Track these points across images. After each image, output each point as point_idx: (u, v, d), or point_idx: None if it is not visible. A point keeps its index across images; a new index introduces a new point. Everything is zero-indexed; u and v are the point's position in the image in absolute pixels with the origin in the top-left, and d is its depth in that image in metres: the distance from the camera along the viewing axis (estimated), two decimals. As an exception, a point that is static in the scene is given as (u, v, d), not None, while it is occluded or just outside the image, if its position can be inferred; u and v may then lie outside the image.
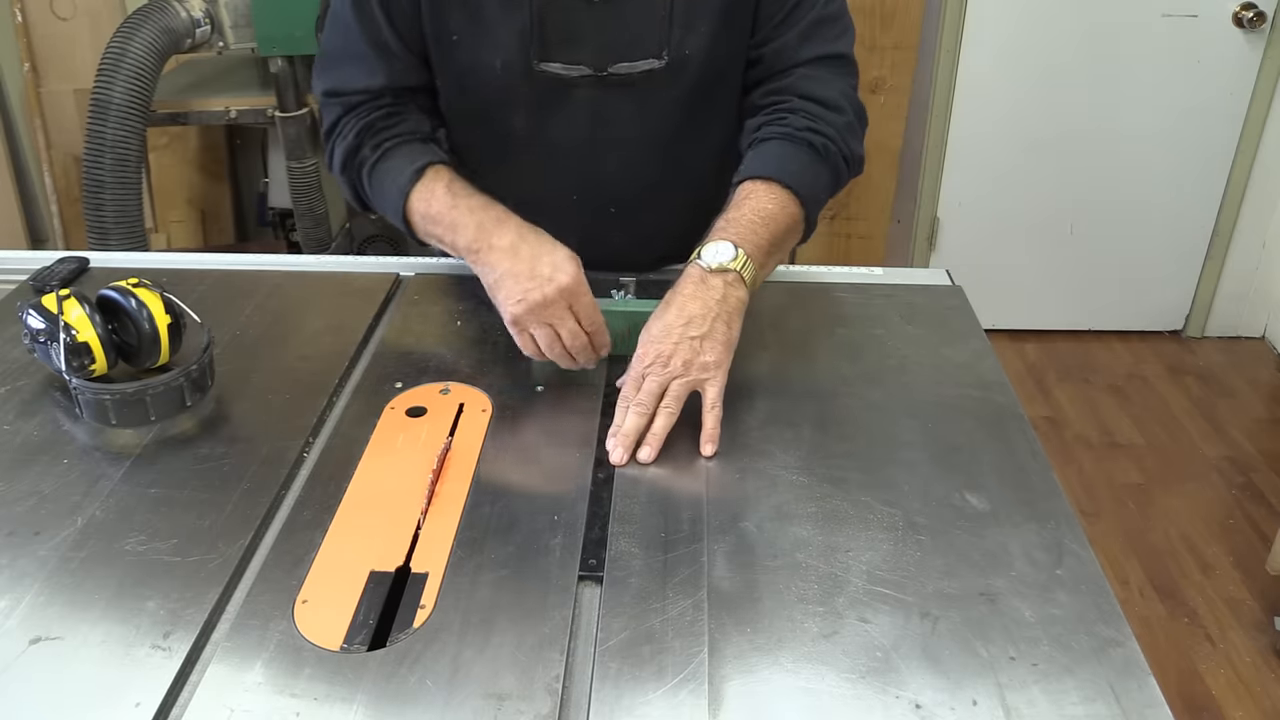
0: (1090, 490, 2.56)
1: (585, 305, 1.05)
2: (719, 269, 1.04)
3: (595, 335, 1.07)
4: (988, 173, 3.07)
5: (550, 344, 1.06)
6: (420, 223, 1.15)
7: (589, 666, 0.75)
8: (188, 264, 1.37)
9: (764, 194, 1.11)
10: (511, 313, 1.05)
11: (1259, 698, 1.97)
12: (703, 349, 1.01)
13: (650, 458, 0.98)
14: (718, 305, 1.02)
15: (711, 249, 1.06)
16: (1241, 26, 2.82)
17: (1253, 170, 3.01)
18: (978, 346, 1.16)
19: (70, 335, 1.01)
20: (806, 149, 1.15)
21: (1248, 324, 3.24)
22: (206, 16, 2.48)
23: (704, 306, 1.02)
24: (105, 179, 2.37)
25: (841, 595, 0.81)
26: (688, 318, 1.02)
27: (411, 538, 0.87)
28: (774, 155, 1.15)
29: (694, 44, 1.16)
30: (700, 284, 1.04)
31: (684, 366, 1.00)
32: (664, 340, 1.01)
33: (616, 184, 1.26)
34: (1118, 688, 0.73)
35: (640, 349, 1.02)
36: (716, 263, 1.04)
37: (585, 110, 1.19)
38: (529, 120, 1.21)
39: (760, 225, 1.09)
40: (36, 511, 0.90)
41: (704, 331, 1.01)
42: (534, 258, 1.05)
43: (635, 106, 1.19)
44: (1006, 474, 0.95)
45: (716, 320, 1.02)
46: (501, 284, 1.06)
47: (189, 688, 0.74)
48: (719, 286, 1.03)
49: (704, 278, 1.04)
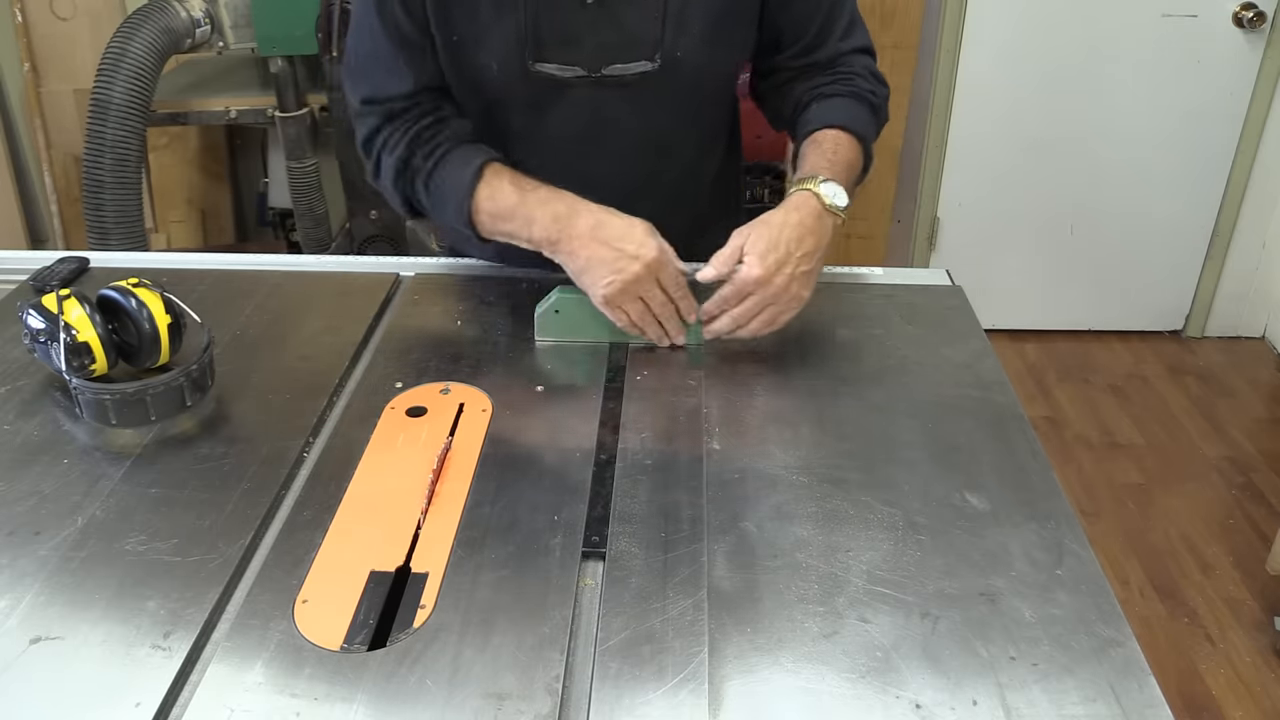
0: (1090, 490, 2.56)
1: (671, 275, 1.09)
2: (834, 210, 1.11)
3: (681, 302, 1.11)
4: (988, 173, 3.07)
5: (642, 317, 1.10)
6: (488, 222, 1.16)
7: (589, 666, 0.75)
8: (188, 264, 1.37)
9: (851, 145, 1.18)
10: (603, 295, 1.09)
11: (1259, 698, 1.97)
12: (807, 284, 1.09)
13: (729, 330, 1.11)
14: (828, 246, 1.10)
15: (831, 188, 1.12)
16: (1241, 26, 2.82)
17: (1253, 170, 3.01)
18: (978, 346, 1.16)
19: (70, 335, 1.01)
20: (870, 111, 1.23)
21: (1248, 324, 3.24)
22: (206, 16, 2.48)
23: (818, 242, 1.09)
24: (105, 179, 2.37)
25: (842, 595, 0.81)
26: (805, 250, 1.08)
27: (411, 538, 0.87)
28: (854, 111, 1.21)
29: (686, 46, 1.16)
30: (818, 218, 1.10)
31: (790, 300, 1.08)
32: (782, 269, 1.07)
33: (612, 182, 1.25)
34: (1118, 688, 0.73)
35: (752, 256, 1.07)
36: (833, 203, 1.11)
37: (581, 110, 1.20)
38: (526, 119, 1.22)
39: (845, 172, 1.16)
40: (37, 511, 0.90)
41: (811, 267, 1.09)
42: (616, 239, 1.08)
43: (630, 107, 1.20)
44: (1006, 474, 0.95)
45: (821, 259, 1.10)
46: (589, 269, 1.09)
47: (189, 688, 0.74)
48: (830, 227, 1.11)
49: (822, 214, 1.10)
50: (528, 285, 1.28)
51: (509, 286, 1.30)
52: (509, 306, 1.24)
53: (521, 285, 1.29)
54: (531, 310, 1.17)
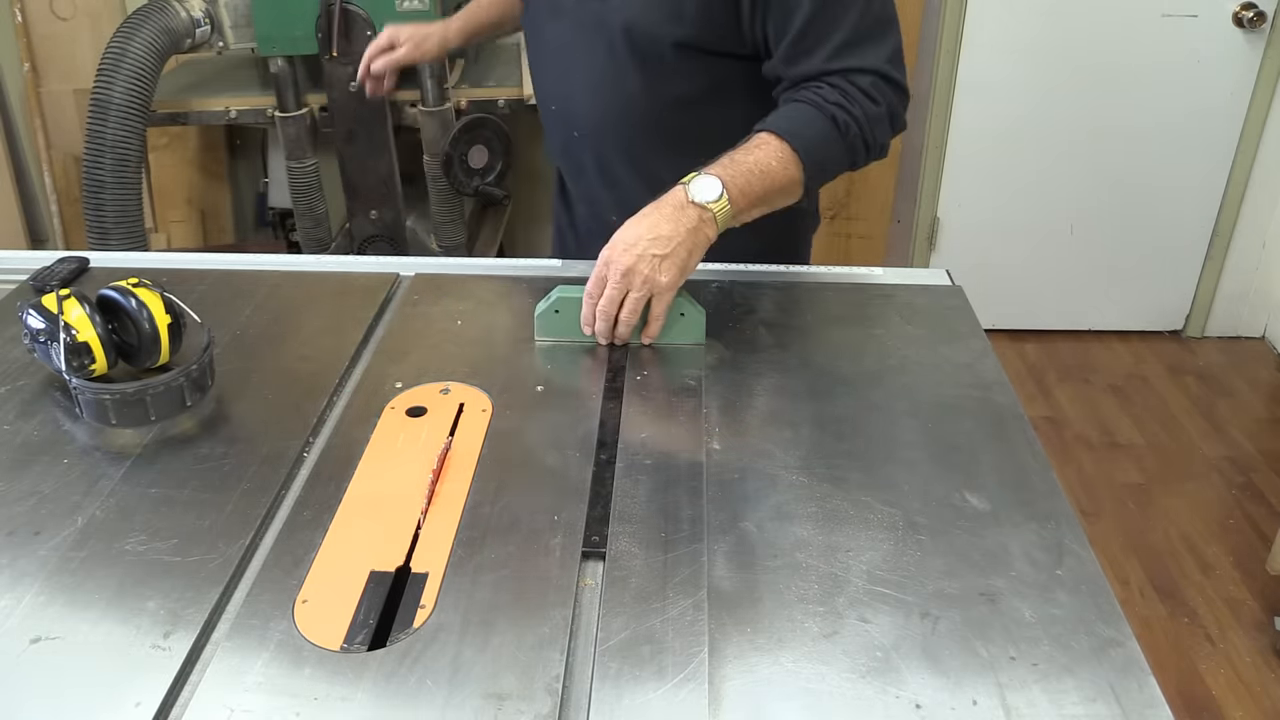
0: (1090, 490, 2.56)
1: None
2: (700, 204, 1.11)
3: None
4: (988, 173, 3.07)
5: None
6: None
7: (589, 666, 0.75)
8: (188, 264, 1.37)
9: (773, 149, 1.16)
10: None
11: (1259, 698, 1.97)
12: (661, 269, 1.10)
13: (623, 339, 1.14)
14: (688, 234, 1.11)
15: (701, 183, 1.12)
16: (1241, 26, 2.82)
17: (1253, 170, 3.01)
18: (978, 346, 1.16)
19: (70, 335, 1.01)
20: (829, 122, 1.18)
21: (1248, 324, 3.24)
22: (206, 16, 2.47)
23: (674, 230, 1.10)
24: (105, 179, 2.37)
25: (842, 595, 0.81)
26: (657, 235, 1.10)
27: (411, 538, 0.87)
28: (796, 117, 1.19)
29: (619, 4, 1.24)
30: (679, 209, 1.11)
31: (642, 282, 1.10)
32: (630, 250, 1.09)
33: (581, 109, 1.37)
34: (1118, 688, 0.73)
35: (608, 250, 1.11)
36: (701, 198, 1.12)
37: (565, 31, 1.33)
38: (533, 23, 1.40)
39: (756, 178, 1.14)
40: (36, 511, 0.90)
41: (667, 252, 1.10)
42: None
43: (589, 39, 1.30)
44: (1006, 474, 0.95)
45: (680, 246, 1.10)
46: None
47: (189, 688, 0.74)
48: (694, 218, 1.11)
49: (684, 205, 1.12)
50: (528, 285, 1.28)
51: (509, 286, 1.30)
52: (509, 306, 1.24)
53: (522, 285, 1.29)
54: (531, 310, 1.17)
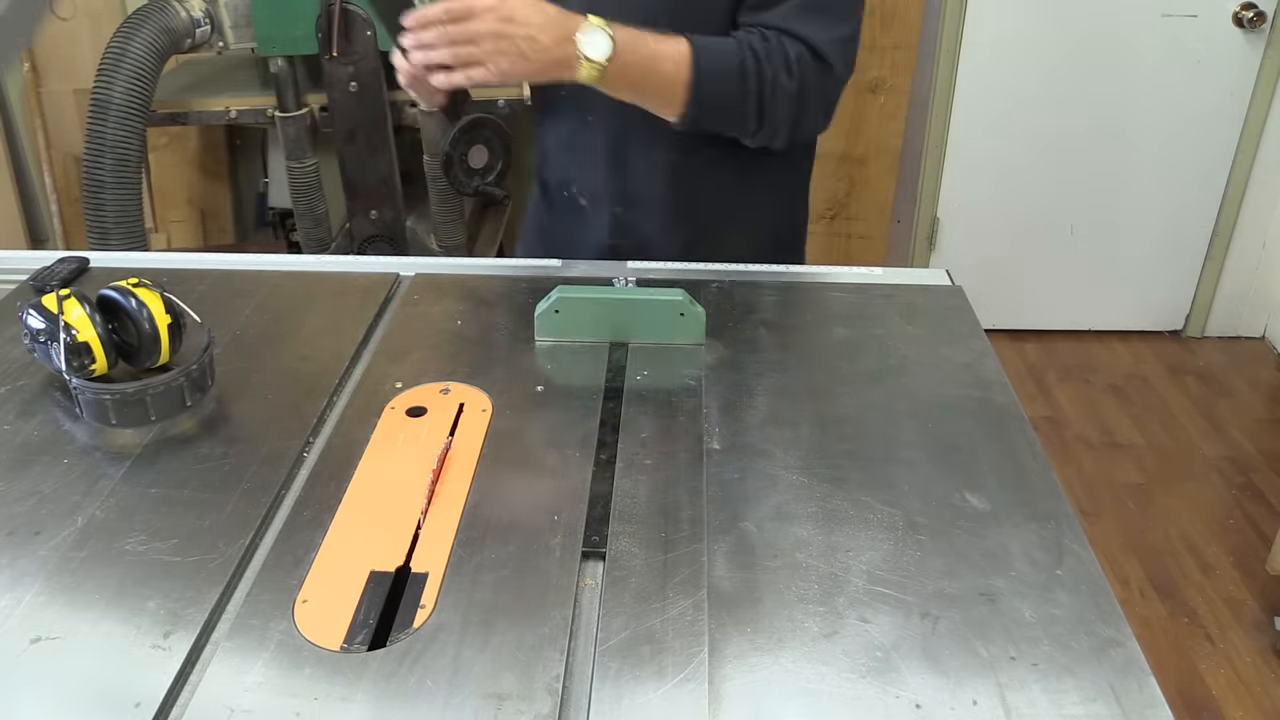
0: (1090, 490, 2.56)
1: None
2: (581, 53, 1.11)
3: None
4: (988, 173, 3.07)
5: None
6: None
7: (589, 666, 0.75)
8: (188, 264, 1.37)
9: (673, 45, 1.17)
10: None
11: (1259, 698, 1.98)
12: (500, 46, 1.08)
13: None
14: (551, 61, 1.11)
15: (595, 38, 1.12)
16: (1241, 26, 2.82)
17: (1253, 170, 3.02)
18: (978, 346, 1.16)
19: (70, 335, 1.01)
20: (738, 64, 1.19)
21: (1248, 324, 3.24)
22: (206, 16, 2.47)
23: (540, 31, 1.09)
24: (105, 179, 2.37)
25: (842, 595, 0.81)
26: (533, 36, 1.09)
27: (411, 537, 0.87)
28: (717, 43, 1.20)
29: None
30: (564, 40, 1.11)
31: (483, 50, 1.08)
32: (511, 21, 1.08)
33: None
34: (1118, 688, 0.73)
35: None
36: (586, 50, 1.11)
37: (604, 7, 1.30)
38: None
39: (642, 65, 1.15)
40: (36, 511, 0.90)
41: (524, 51, 1.09)
42: None
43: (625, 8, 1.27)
44: (1006, 474, 0.95)
45: (535, 58, 1.10)
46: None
47: (189, 688, 0.74)
48: (568, 56, 1.11)
49: (569, 39, 1.11)
50: (528, 285, 1.28)
51: (509, 286, 1.30)
52: (509, 306, 1.24)
53: (522, 285, 1.29)
54: (531, 310, 1.17)
